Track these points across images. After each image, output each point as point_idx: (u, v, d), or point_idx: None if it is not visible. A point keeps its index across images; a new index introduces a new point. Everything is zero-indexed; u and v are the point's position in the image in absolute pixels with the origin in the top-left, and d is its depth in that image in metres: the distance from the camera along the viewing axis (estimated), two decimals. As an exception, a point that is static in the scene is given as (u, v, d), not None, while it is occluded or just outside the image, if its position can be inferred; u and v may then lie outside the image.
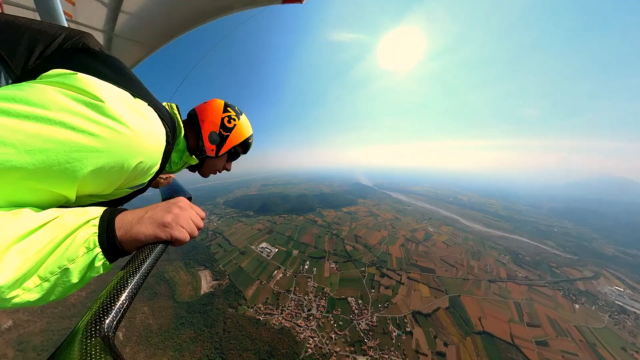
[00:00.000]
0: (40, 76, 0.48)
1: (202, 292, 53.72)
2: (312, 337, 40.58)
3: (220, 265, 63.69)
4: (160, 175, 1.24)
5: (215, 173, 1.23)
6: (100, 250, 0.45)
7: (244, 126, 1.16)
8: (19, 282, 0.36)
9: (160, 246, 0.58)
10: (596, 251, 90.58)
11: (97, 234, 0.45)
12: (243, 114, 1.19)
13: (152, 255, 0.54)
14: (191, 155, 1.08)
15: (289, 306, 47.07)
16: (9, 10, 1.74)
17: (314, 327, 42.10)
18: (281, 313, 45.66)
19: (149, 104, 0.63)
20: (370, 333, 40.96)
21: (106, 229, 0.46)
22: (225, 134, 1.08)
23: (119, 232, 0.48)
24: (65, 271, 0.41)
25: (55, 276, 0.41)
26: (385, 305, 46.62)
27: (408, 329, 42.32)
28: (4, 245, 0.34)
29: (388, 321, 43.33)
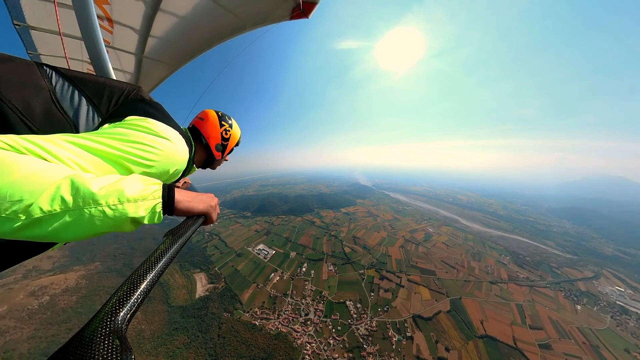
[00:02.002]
0: (124, 119, 0.89)
1: (197, 296, 52.27)
2: (309, 343, 39.40)
3: (216, 268, 62.28)
4: (179, 181, 1.75)
5: (220, 165, 1.72)
6: (161, 201, 0.69)
7: (236, 132, 1.60)
8: (104, 190, 0.58)
9: (202, 219, 0.85)
10: (595, 251, 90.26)
11: (161, 190, 0.70)
12: (233, 121, 1.57)
13: (196, 224, 0.80)
14: (194, 165, 1.50)
15: (285, 310, 45.77)
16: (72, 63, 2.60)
17: (311, 333, 40.93)
18: (278, 318, 44.39)
19: (179, 133, 1.04)
20: (370, 338, 39.75)
21: (168, 190, 0.74)
22: (226, 143, 1.54)
23: (178, 200, 0.76)
24: (135, 201, 0.62)
25: (129, 203, 0.60)
26: (385, 309, 45.42)
27: (409, 334, 41.18)
28: (116, 178, 0.63)
29: (388, 326, 42.19)
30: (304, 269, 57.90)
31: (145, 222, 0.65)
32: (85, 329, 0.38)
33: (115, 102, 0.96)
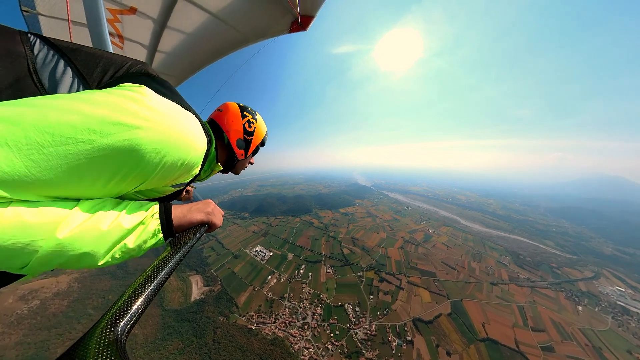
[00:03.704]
0: (117, 86, 0.67)
1: (192, 299, 51.01)
2: (306, 348, 38.34)
3: (212, 270, 61.05)
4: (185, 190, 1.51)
5: (244, 169, 1.43)
6: (162, 235, 0.66)
7: (261, 126, 1.31)
8: (109, 255, 0.55)
9: (204, 227, 0.83)
10: (595, 250, 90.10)
11: (160, 225, 0.66)
12: (257, 113, 1.32)
13: (199, 233, 0.79)
14: (219, 164, 1.23)
15: (282, 314, 44.59)
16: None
17: (308, 337, 39.81)
18: (274, 322, 43.22)
19: (195, 116, 0.79)
20: (369, 343, 38.76)
21: (166, 219, 0.69)
22: (249, 138, 1.24)
23: (174, 220, 0.72)
24: (139, 248, 0.61)
25: (133, 252, 0.60)
26: (385, 312, 44.40)
27: (409, 338, 40.24)
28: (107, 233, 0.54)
29: (387, 330, 41.20)
30: (301, 271, 56.72)
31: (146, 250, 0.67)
32: (84, 338, 0.37)
33: (111, 76, 0.76)
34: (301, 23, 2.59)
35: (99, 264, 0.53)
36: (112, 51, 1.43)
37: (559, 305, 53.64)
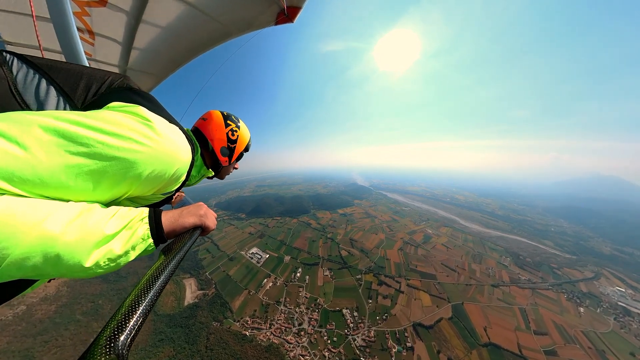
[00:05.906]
0: (106, 106, 0.70)
1: (185, 304, 49.33)
2: (302, 356, 36.94)
3: (207, 273, 59.38)
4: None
5: (229, 174, 1.52)
6: (152, 240, 0.63)
7: (245, 134, 1.38)
8: (92, 259, 0.51)
9: (198, 230, 0.81)
10: (594, 250, 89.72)
11: (149, 229, 0.63)
12: (240, 121, 1.37)
13: (193, 237, 0.77)
14: (210, 169, 1.32)
15: (278, 320, 43.08)
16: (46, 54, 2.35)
17: (305, 344, 38.41)
18: (269, 327, 41.74)
19: (179, 128, 0.84)
20: (368, 350, 37.42)
21: (156, 224, 0.66)
22: (232, 145, 1.31)
23: (165, 226, 0.69)
24: (127, 254, 0.58)
25: (120, 258, 0.56)
26: (384, 317, 42.98)
27: (409, 344, 38.92)
28: (93, 240, 0.50)
29: (387, 335, 39.84)
30: (298, 275, 55.22)
31: (136, 257, 0.63)
32: (85, 355, 0.36)
33: (95, 93, 0.77)
34: (288, 14, 2.44)
35: (85, 265, 0.49)
36: (83, 51, 1.39)
37: (560, 307, 52.71)
